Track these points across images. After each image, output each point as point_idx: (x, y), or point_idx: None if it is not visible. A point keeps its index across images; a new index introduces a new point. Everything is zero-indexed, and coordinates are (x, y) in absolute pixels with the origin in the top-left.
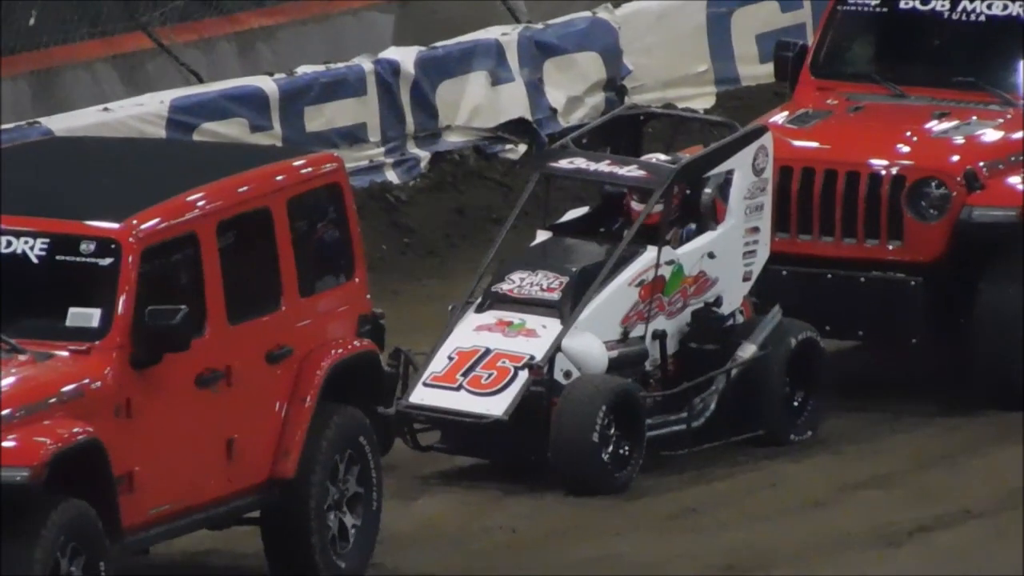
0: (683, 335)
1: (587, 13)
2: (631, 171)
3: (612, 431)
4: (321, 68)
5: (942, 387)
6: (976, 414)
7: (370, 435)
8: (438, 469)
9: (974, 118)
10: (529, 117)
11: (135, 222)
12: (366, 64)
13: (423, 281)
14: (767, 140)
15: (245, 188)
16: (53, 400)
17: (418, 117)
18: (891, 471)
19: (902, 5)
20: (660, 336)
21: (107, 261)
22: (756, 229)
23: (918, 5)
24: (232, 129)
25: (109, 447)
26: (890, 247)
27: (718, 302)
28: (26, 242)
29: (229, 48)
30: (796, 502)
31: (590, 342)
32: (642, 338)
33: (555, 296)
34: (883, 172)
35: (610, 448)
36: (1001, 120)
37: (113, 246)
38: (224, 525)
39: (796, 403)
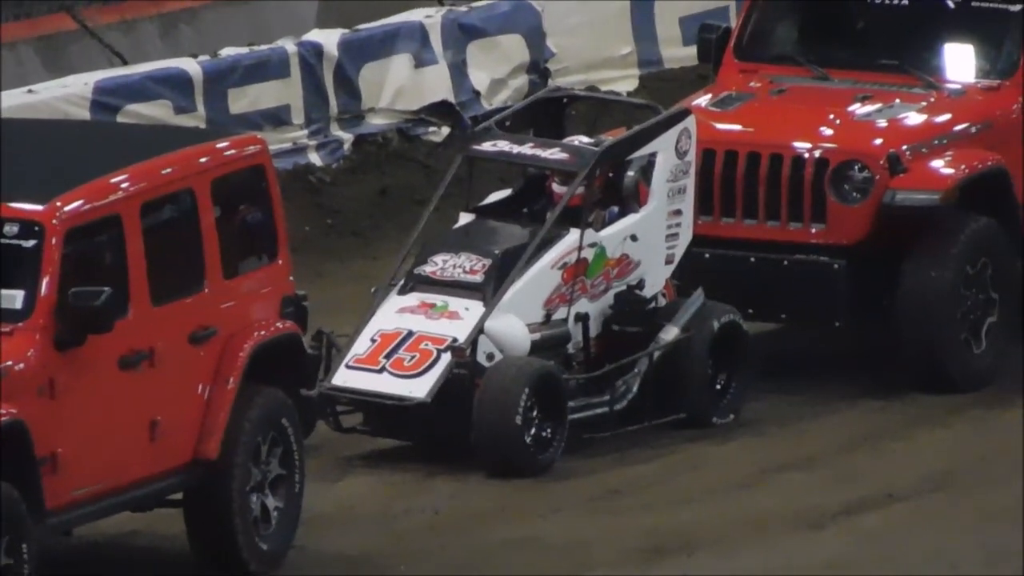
0: (606, 317)
1: None
2: (554, 154)
3: (535, 413)
4: (245, 50)
5: (865, 370)
6: (899, 397)
7: (293, 417)
8: (361, 451)
9: (897, 101)
10: (452, 99)
11: (58, 204)
12: (289, 46)
13: (346, 263)
14: (690, 123)
15: (169, 170)
16: None
17: (342, 99)
18: (814, 454)
19: None
20: (583, 319)
21: (30, 243)
22: (679, 212)
23: None
24: (156, 111)
25: (32, 428)
26: (813, 230)
27: (641, 285)
28: None
29: (152, 30)
30: (719, 484)
31: (513, 324)
32: (565, 320)
33: (478, 278)
34: (806, 155)
35: (533, 430)
36: (924, 103)
37: (36, 228)
38: (148, 507)
39: (719, 386)
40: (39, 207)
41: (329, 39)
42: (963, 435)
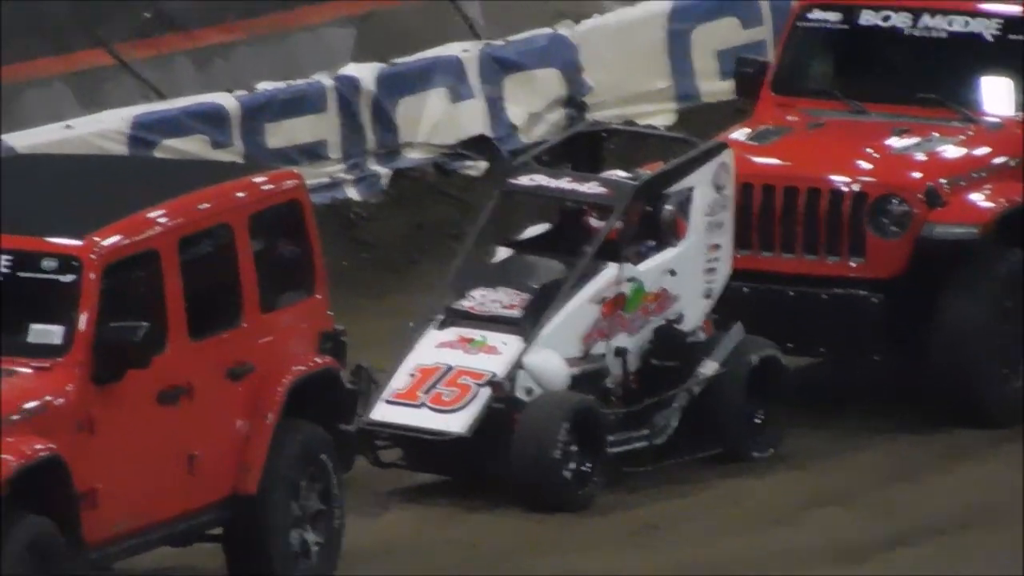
0: (645, 352)
1: (547, 29)
2: (592, 188)
3: (573, 448)
4: (281, 84)
5: (904, 404)
6: (937, 430)
7: (332, 452)
8: (400, 486)
9: (935, 134)
10: (489, 134)
11: (96, 239)
12: (326, 80)
13: (384, 297)
14: (728, 157)
15: (206, 205)
16: (15, 417)
17: (378, 134)
18: (853, 488)
19: (862, 21)
20: (622, 353)
21: (69, 278)
22: (717, 246)
23: (879, 21)
24: (193, 146)
25: (71, 463)
26: (851, 264)
27: (679, 319)
28: None
29: (187, 64)
30: (758, 519)
31: (551, 359)
32: (603, 355)
33: (516, 313)
34: (844, 189)
35: (571, 465)
36: (962, 136)
37: (75, 263)
38: (186, 542)
39: (757, 420)
40: (77, 242)
41: (365, 73)
42: (1001, 469)
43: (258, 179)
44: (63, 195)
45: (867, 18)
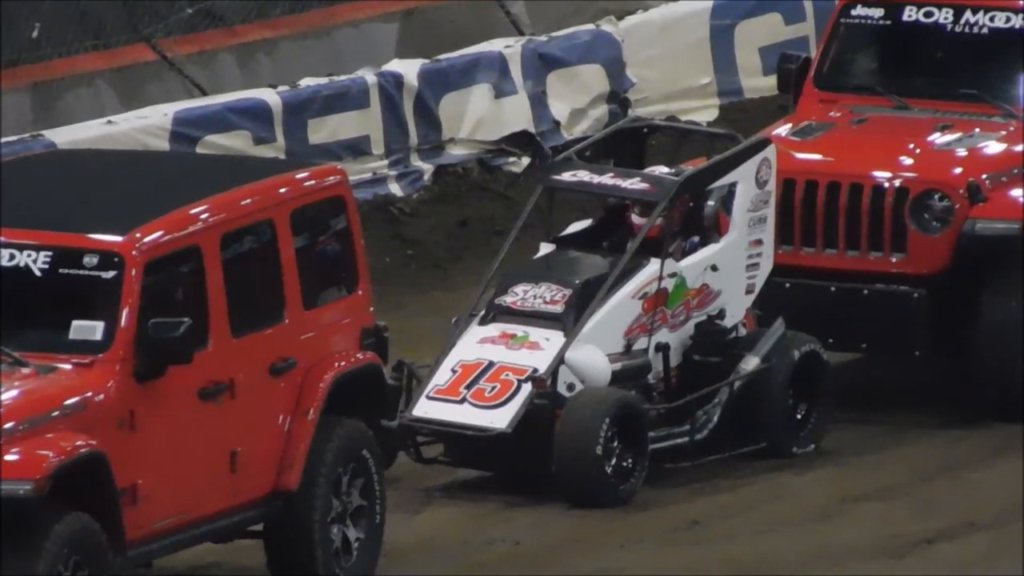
0: (686, 348)
1: (590, 26)
2: (635, 184)
3: (615, 444)
4: (324, 80)
5: (945, 399)
6: (978, 426)
7: (373, 448)
8: (441, 482)
9: (977, 130)
10: (532, 130)
11: (138, 235)
12: (369, 76)
13: (426, 293)
14: (770, 152)
15: (248, 201)
16: (56, 413)
17: (421, 130)
18: (894, 483)
19: (905, 17)
20: (663, 348)
21: (110, 274)
22: (759, 242)
23: (921, 18)
24: (236, 141)
25: (112, 460)
26: (893, 259)
27: (721, 315)
28: (29, 255)
29: (230, 60)
30: (799, 514)
31: (593, 354)
32: (645, 351)
33: (558, 308)
34: (886, 184)
35: (613, 461)
36: (1004, 132)
37: (116, 259)
38: (228, 538)
39: (799, 415)
40: (119, 238)
41: (409, 69)
42: None
43: (301, 175)
44: (105, 191)
45: (910, 14)
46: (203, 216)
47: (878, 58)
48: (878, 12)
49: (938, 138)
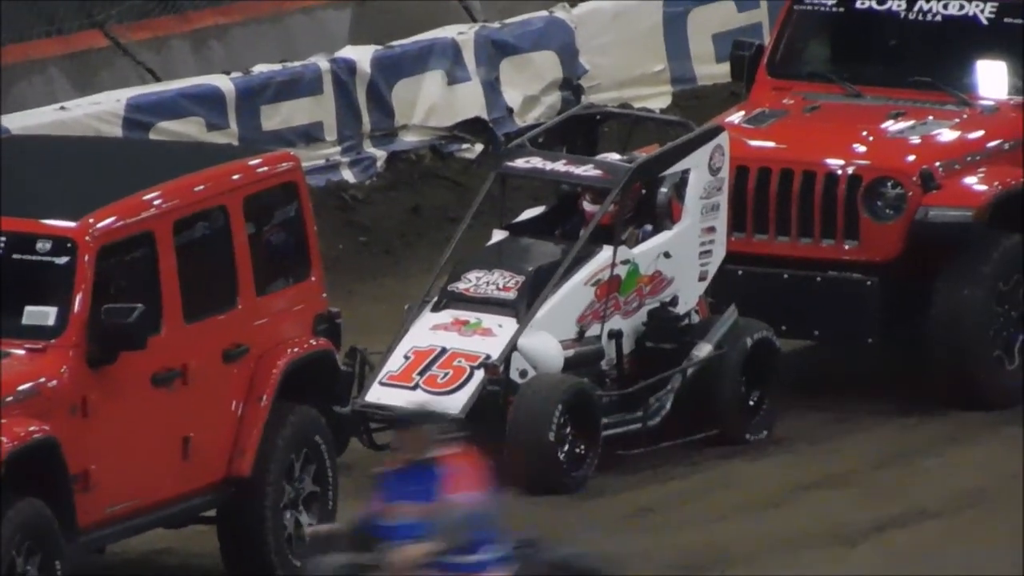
0: (639, 334)
1: (543, 12)
2: (587, 170)
3: (568, 430)
4: (277, 67)
5: (898, 387)
6: (931, 414)
7: (326, 434)
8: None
9: (930, 118)
10: (485, 116)
11: (91, 221)
12: (322, 63)
13: (379, 280)
14: (723, 140)
15: (201, 187)
16: (9, 399)
17: (374, 116)
18: (847, 471)
19: (858, 5)
20: (616, 335)
21: (63, 260)
22: (712, 229)
23: (874, 5)
24: (189, 128)
25: (65, 446)
26: (846, 247)
27: (674, 301)
28: None
29: (183, 47)
30: (752, 502)
31: (546, 341)
32: (598, 337)
33: (511, 295)
34: (839, 172)
35: (566, 447)
36: (957, 120)
37: (69, 245)
38: (180, 524)
39: (752, 403)
40: (72, 224)
41: (362, 56)
42: (996, 452)
43: (253, 161)
44: (58, 177)
45: (863, 1)
46: (156, 202)
47: (831, 45)
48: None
49: (891, 126)
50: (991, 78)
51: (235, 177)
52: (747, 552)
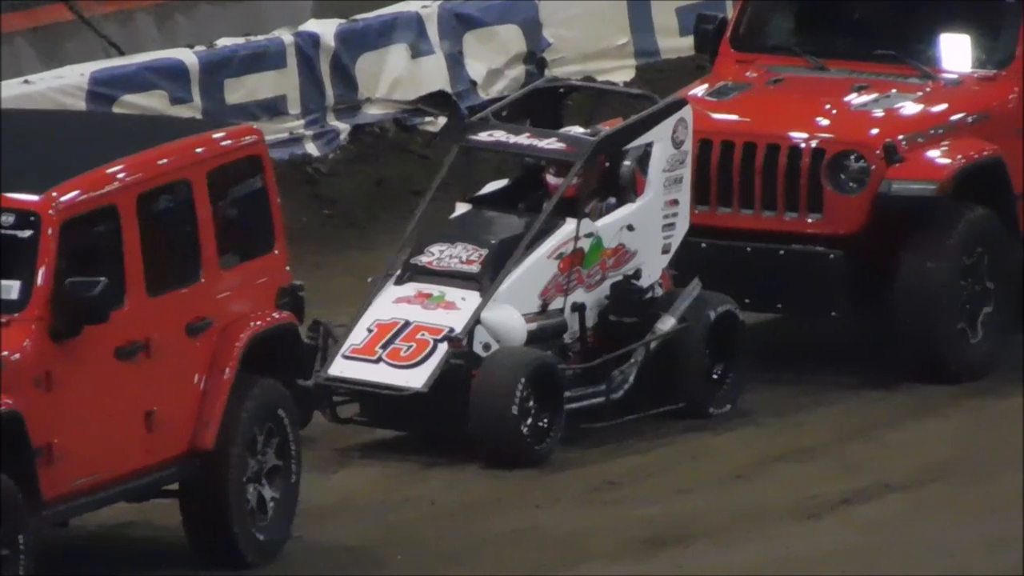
0: (602, 308)
1: None
2: (551, 144)
3: (531, 403)
4: (241, 41)
5: (862, 360)
6: (897, 387)
7: (289, 407)
8: (357, 441)
9: (894, 91)
10: (449, 90)
11: (55, 194)
12: (286, 37)
13: (343, 253)
14: (687, 113)
15: (165, 160)
16: None
17: (338, 89)
18: (812, 444)
19: None
20: (579, 308)
21: (26, 233)
22: (675, 202)
23: None
24: (153, 101)
25: (28, 419)
26: (810, 220)
27: (637, 275)
28: None
29: (148, 20)
30: (717, 475)
31: (509, 314)
32: (561, 310)
33: (474, 268)
34: (803, 145)
35: (529, 420)
36: (920, 93)
37: (32, 218)
38: (144, 497)
39: (716, 376)
40: (35, 197)
41: (326, 29)
42: (961, 425)
43: (217, 135)
44: (22, 151)
45: None
46: (120, 176)
47: (795, 18)
48: None
49: (855, 99)
50: (954, 51)
51: (199, 150)
52: (712, 526)
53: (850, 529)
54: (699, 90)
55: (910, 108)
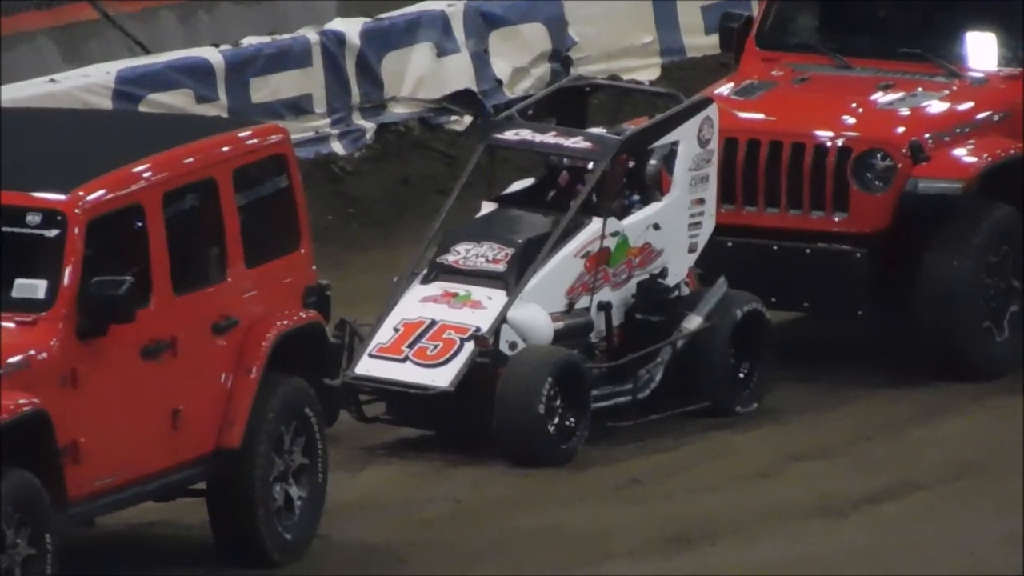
0: (628, 306)
1: None
2: (576, 142)
3: (557, 402)
4: (266, 39)
5: (887, 358)
6: (920, 385)
7: (315, 406)
8: (383, 440)
9: (920, 89)
10: (474, 88)
11: (81, 193)
12: (311, 35)
13: (368, 252)
14: (712, 111)
15: (191, 159)
16: None
17: (363, 88)
18: (836, 442)
19: None
20: (605, 307)
21: (53, 232)
22: (702, 200)
23: None
24: (178, 100)
25: (55, 418)
26: (835, 218)
27: (663, 273)
28: None
29: (172, 19)
30: (741, 473)
31: (535, 313)
32: (587, 309)
33: (500, 267)
34: (829, 143)
35: (555, 419)
36: (946, 91)
37: (59, 217)
38: (170, 496)
39: (741, 374)
40: (62, 196)
41: (351, 28)
42: (984, 423)
43: (243, 133)
44: (47, 150)
45: None
46: (146, 174)
47: (820, 17)
48: None
49: (880, 97)
50: (980, 49)
51: (224, 149)
52: (736, 523)
53: (873, 527)
54: (725, 89)
55: (936, 106)
